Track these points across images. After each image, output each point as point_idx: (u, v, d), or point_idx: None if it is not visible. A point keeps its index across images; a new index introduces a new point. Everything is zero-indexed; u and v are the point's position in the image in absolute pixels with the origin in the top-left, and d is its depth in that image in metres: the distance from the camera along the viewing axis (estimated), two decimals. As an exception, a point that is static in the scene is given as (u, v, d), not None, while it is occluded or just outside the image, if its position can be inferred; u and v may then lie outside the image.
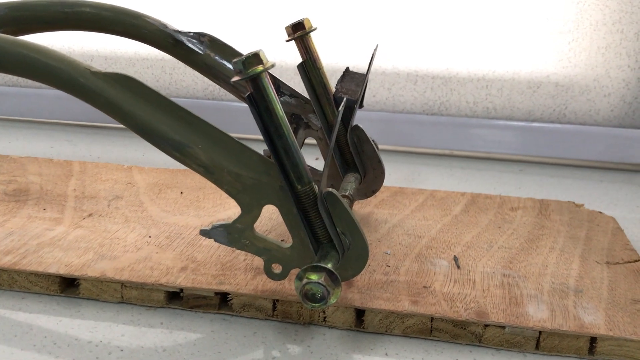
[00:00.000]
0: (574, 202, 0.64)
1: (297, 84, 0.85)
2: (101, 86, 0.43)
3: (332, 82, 0.56)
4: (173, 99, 0.95)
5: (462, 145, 0.85)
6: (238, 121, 0.86)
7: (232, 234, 0.44)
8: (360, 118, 0.57)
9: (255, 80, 0.40)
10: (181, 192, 0.63)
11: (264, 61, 0.39)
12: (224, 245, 0.47)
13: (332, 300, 0.40)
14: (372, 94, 0.88)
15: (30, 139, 0.88)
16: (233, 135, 0.90)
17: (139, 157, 0.79)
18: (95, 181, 0.65)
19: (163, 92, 0.91)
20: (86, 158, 0.80)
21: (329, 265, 0.41)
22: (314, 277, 0.40)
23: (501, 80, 0.84)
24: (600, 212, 0.62)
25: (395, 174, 0.78)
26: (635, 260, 0.53)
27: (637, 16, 0.80)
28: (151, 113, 0.43)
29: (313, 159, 0.79)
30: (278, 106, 0.41)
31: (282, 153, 0.41)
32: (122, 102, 0.43)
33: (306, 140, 0.58)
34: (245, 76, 0.39)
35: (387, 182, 0.65)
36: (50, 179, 0.65)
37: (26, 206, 0.59)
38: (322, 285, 0.39)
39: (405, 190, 0.66)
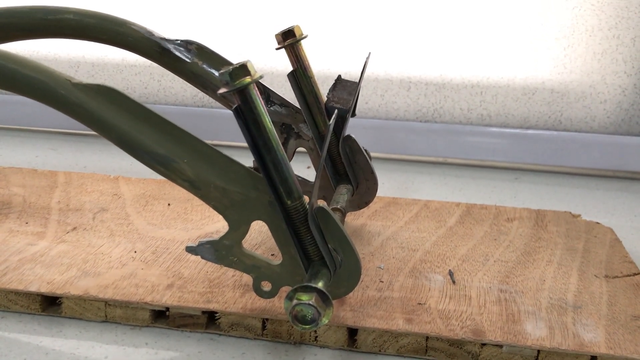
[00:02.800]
0: (570, 213, 0.63)
1: (288, 91, 0.83)
2: (82, 98, 0.41)
3: (324, 90, 0.55)
4: (162, 107, 0.93)
5: (456, 153, 0.83)
6: (228, 129, 0.84)
7: (220, 251, 0.42)
8: (352, 125, 0.56)
9: (243, 92, 0.38)
10: (168, 204, 0.61)
11: (252, 72, 0.38)
12: (212, 262, 0.45)
13: (324, 321, 0.38)
14: (365, 100, 0.86)
15: (15, 147, 0.86)
16: (224, 143, 0.88)
17: (126, 166, 0.77)
18: (80, 193, 0.63)
19: (151, 99, 0.90)
20: (72, 167, 0.78)
21: (320, 285, 0.39)
22: (304, 298, 0.38)
23: (496, 86, 0.83)
24: (598, 223, 0.61)
25: (388, 183, 0.77)
26: (635, 274, 0.51)
27: (633, 21, 0.79)
28: (134, 126, 0.41)
29: (305, 167, 0.78)
30: (267, 119, 0.39)
31: (270, 167, 0.40)
32: (104, 115, 0.41)
33: (297, 149, 0.56)
34: (233, 88, 0.37)
35: (380, 191, 0.64)
36: (34, 190, 0.63)
37: (8, 220, 0.57)
38: (313, 306, 0.38)
39: (399, 200, 0.65)
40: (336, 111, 0.43)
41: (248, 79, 0.37)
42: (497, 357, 0.42)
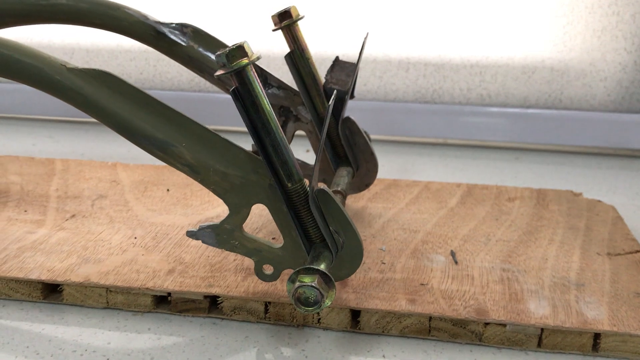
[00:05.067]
0: (572, 191, 0.63)
1: (286, 74, 0.82)
2: (78, 83, 0.40)
3: (322, 72, 0.54)
4: (158, 92, 0.92)
5: (456, 133, 0.83)
6: (225, 113, 0.84)
7: (221, 235, 0.42)
8: (351, 108, 0.55)
9: (240, 74, 0.38)
10: (167, 190, 0.61)
11: (249, 53, 0.37)
12: (213, 246, 0.45)
13: (327, 303, 0.38)
14: (363, 82, 0.86)
15: (11, 136, 0.85)
16: (221, 128, 0.88)
17: (124, 152, 0.77)
18: (78, 180, 0.63)
19: (147, 85, 0.89)
20: (69, 155, 0.77)
21: (322, 267, 0.39)
22: (306, 279, 0.38)
23: (495, 66, 0.83)
24: (600, 201, 0.61)
25: (388, 165, 0.76)
26: (637, 251, 0.51)
27: (633, -3, 0.78)
28: (131, 110, 0.40)
29: (304, 150, 0.78)
30: (265, 101, 0.39)
31: (270, 150, 0.39)
32: (101, 100, 0.40)
33: (296, 132, 0.56)
34: (230, 70, 0.37)
35: (380, 173, 0.63)
36: (32, 178, 0.63)
37: (6, 208, 0.56)
38: (316, 288, 0.37)
39: (399, 182, 0.64)
40: (335, 92, 0.42)
41: (245, 60, 0.37)
42: (500, 336, 0.42)
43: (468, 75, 0.83)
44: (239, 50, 0.37)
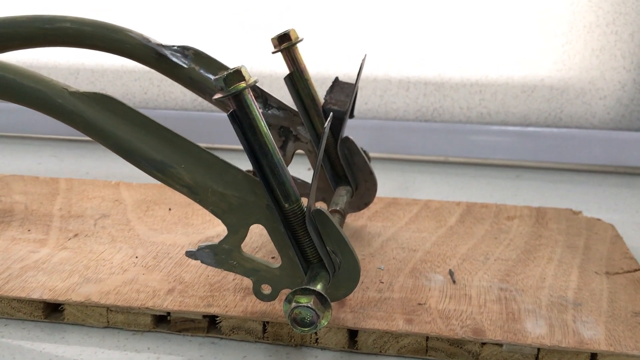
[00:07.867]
0: (571, 209, 0.63)
1: (288, 94, 0.83)
2: (79, 106, 0.41)
3: (322, 92, 0.55)
4: (162, 111, 0.93)
5: (457, 151, 0.83)
6: (228, 132, 0.84)
7: (219, 255, 0.43)
8: (352, 126, 0.56)
9: (238, 98, 0.38)
10: (169, 209, 0.62)
11: (247, 77, 0.38)
12: (212, 266, 0.45)
13: (323, 323, 0.39)
14: (364, 101, 0.87)
15: (16, 155, 0.86)
16: (224, 146, 0.88)
17: (127, 171, 0.77)
18: (81, 199, 0.64)
19: (151, 105, 0.90)
20: (74, 174, 0.78)
21: (319, 287, 0.39)
22: (302, 300, 0.38)
23: (495, 84, 0.83)
24: (599, 219, 0.61)
25: (389, 183, 0.77)
26: (635, 270, 0.51)
27: (631, 17, 0.78)
28: (131, 133, 0.41)
29: (305, 169, 0.78)
30: (262, 123, 0.39)
31: (267, 171, 0.40)
32: (101, 122, 0.41)
33: (298, 150, 0.57)
34: (227, 93, 0.38)
35: (380, 191, 0.64)
36: (36, 198, 0.64)
37: (10, 227, 0.57)
38: (311, 309, 0.38)
39: (399, 200, 0.65)
40: (331, 114, 0.43)
41: (242, 84, 0.38)
42: (497, 355, 0.42)
43: (468, 94, 0.84)
44: (237, 74, 0.38)
